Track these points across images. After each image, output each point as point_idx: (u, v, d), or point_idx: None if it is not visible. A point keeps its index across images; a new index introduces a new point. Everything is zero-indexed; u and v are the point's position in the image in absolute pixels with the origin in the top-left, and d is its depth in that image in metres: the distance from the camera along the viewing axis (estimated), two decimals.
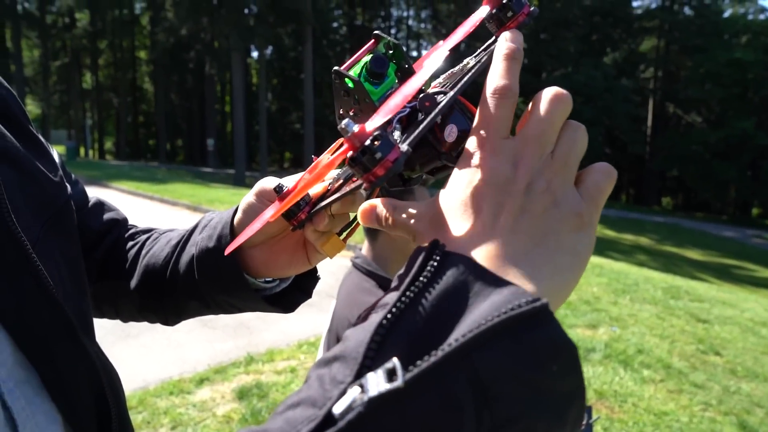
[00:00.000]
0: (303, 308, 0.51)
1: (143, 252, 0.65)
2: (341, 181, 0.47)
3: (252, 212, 0.54)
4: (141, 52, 38.68)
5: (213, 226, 0.58)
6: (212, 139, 28.03)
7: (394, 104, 0.35)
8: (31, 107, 37.59)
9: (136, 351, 3.70)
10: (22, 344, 0.44)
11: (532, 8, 0.40)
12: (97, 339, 0.56)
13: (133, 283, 0.63)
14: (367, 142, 0.32)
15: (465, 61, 0.43)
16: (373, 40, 0.44)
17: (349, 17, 36.41)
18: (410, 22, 40.28)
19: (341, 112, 0.44)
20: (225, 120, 38.67)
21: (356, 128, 0.33)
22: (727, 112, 26.77)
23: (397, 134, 0.40)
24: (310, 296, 0.61)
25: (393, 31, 40.21)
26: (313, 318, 4.17)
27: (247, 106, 25.29)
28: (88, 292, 0.57)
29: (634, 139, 29.25)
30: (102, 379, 0.50)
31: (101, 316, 0.69)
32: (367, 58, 0.43)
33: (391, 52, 0.43)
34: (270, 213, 0.46)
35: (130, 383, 3.12)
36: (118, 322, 0.71)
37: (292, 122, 33.57)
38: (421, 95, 0.38)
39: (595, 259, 7.98)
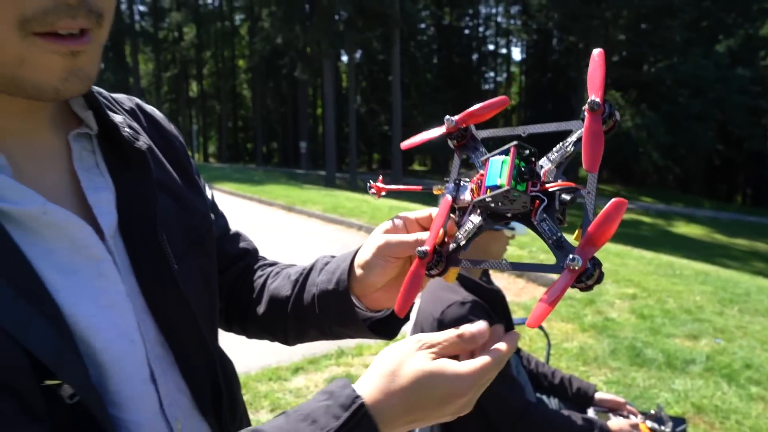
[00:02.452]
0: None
1: (268, 283, 0.78)
2: (469, 228, 0.57)
3: (371, 269, 0.63)
4: (240, 61, 41.18)
5: (331, 271, 0.68)
6: (304, 141, 29.24)
7: (596, 240, 0.46)
8: None
9: (239, 340, 4.01)
10: (162, 330, 0.59)
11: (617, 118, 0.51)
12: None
13: (261, 309, 0.77)
14: (588, 266, 0.46)
15: (566, 142, 0.54)
16: (514, 149, 0.54)
17: (437, 17, 36.36)
18: (499, 18, 39.46)
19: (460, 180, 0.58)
20: (316, 123, 40.14)
21: (581, 265, 0.45)
22: None
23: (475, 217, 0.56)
24: (408, 320, 0.73)
25: (481, 29, 39.60)
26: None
27: (337, 109, 26.12)
28: (218, 300, 0.73)
29: (753, 133, 26.29)
30: (217, 366, 0.65)
31: (229, 331, 0.85)
32: (516, 162, 0.53)
33: (526, 153, 0.54)
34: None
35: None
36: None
37: (380, 124, 34.14)
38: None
39: (699, 266, 7.43)
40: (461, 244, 0.57)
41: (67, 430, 0.47)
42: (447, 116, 0.60)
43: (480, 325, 0.54)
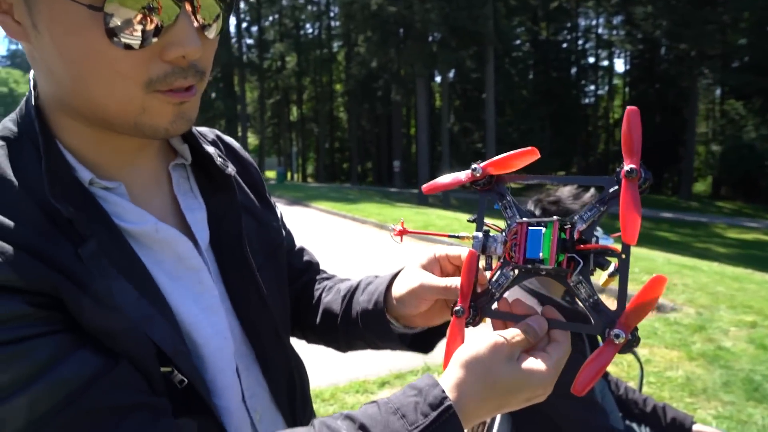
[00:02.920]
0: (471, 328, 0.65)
1: (323, 297, 0.87)
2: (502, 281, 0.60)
3: (405, 304, 0.70)
4: (337, 85, 43.01)
5: (371, 292, 0.76)
6: (398, 160, 29.75)
7: (635, 316, 0.50)
8: (251, 139, 44.29)
9: (329, 353, 4.17)
10: (246, 330, 0.69)
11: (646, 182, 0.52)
12: (297, 340, 0.81)
13: (317, 320, 0.86)
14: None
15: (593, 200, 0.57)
16: (557, 224, 0.56)
17: (533, 33, 35.62)
18: (600, 30, 37.82)
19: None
20: (410, 142, 40.68)
21: (622, 340, 0.50)
22: None
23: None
24: (444, 336, 0.76)
25: (580, 41, 38.17)
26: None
27: (430, 128, 26.33)
28: (289, 305, 0.82)
29: None
30: (292, 365, 0.75)
31: (293, 336, 0.93)
32: (554, 235, 0.55)
33: (567, 225, 0.56)
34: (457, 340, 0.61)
35: (324, 379, 3.55)
36: None
37: (473, 142, 33.89)
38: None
39: None
40: (495, 297, 0.60)
41: (179, 411, 0.56)
42: (473, 164, 0.62)
43: (539, 320, 0.57)
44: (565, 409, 1.48)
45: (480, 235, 0.61)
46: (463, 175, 0.63)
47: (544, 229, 0.55)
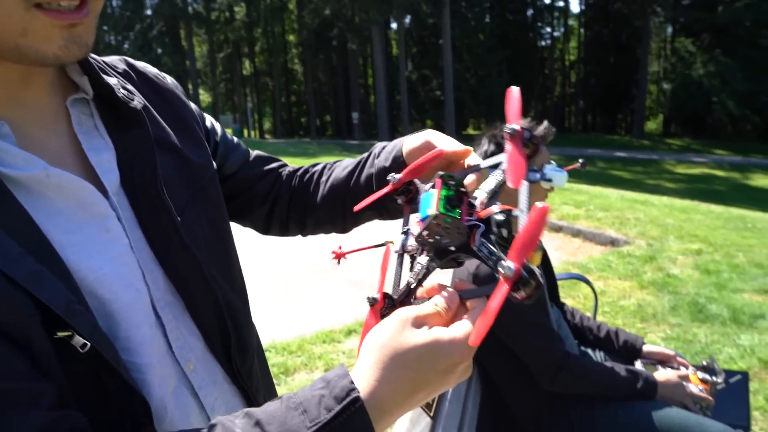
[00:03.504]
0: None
1: (324, 177, 0.86)
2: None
3: (415, 158, 0.71)
4: (290, 36, 41.44)
5: (389, 151, 0.77)
6: (357, 112, 29.32)
7: (525, 247, 0.45)
8: (204, 96, 42.62)
9: (295, 306, 4.20)
10: (171, 277, 0.63)
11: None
12: (262, 295, 0.77)
13: (319, 200, 0.84)
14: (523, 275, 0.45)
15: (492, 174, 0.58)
16: (440, 180, 0.54)
17: None
18: None
19: (424, 234, 0.54)
20: (368, 93, 40.03)
21: (513, 271, 0.44)
22: None
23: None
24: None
25: None
26: (443, 278, 4.31)
27: (388, 78, 25.91)
28: (231, 243, 0.78)
29: None
30: (224, 311, 0.69)
31: (286, 234, 0.93)
32: (443, 192, 0.53)
33: (452, 182, 0.54)
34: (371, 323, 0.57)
35: (290, 332, 3.58)
36: (281, 283, 0.92)
37: (432, 89, 33.58)
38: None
39: None
40: (412, 287, 0.58)
41: (82, 380, 0.50)
42: (391, 174, 0.63)
43: (448, 292, 0.53)
44: (523, 339, 1.52)
45: (401, 237, 0.61)
46: (385, 189, 0.64)
47: (432, 191, 0.54)
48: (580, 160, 2.03)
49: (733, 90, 24.78)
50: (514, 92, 0.59)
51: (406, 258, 0.60)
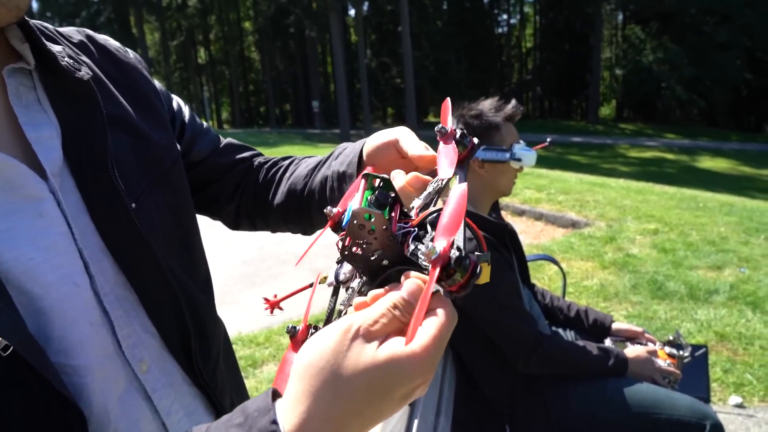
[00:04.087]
0: None
1: (287, 174, 0.79)
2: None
3: (375, 156, 0.64)
4: (246, 23, 40.43)
5: (347, 155, 0.69)
6: (316, 100, 28.93)
7: (450, 225, 0.39)
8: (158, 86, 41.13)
9: (261, 297, 4.11)
10: (123, 269, 0.57)
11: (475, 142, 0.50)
12: (228, 287, 0.70)
13: (277, 200, 0.77)
14: (453, 259, 0.37)
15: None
16: (363, 180, 0.49)
17: None
18: None
19: (349, 245, 0.44)
20: (328, 81, 39.58)
21: (440, 250, 0.37)
22: None
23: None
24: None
25: None
26: None
27: (347, 65, 25.66)
28: (195, 235, 0.71)
29: None
30: (182, 305, 0.62)
31: (255, 229, 0.86)
32: (366, 193, 0.48)
33: (378, 184, 0.49)
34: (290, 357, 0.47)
35: (257, 323, 3.50)
36: (247, 275, 0.86)
37: (392, 77, 33.48)
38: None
39: (724, 198, 7.24)
40: (343, 315, 0.50)
41: (4, 388, 0.45)
42: (327, 207, 0.54)
43: (409, 285, 0.41)
44: (496, 322, 1.52)
45: (334, 267, 0.52)
46: (325, 229, 0.56)
47: (356, 195, 0.49)
48: (549, 139, 2.05)
49: (681, 76, 25.71)
50: (447, 103, 0.56)
51: (342, 292, 0.51)
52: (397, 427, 1.20)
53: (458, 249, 0.38)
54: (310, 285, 0.58)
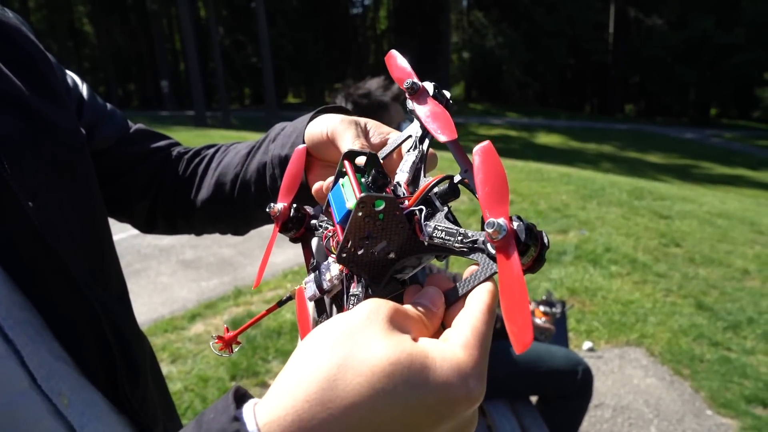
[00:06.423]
0: (284, 240, 0.50)
1: (213, 164, 0.66)
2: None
3: (318, 147, 0.53)
4: None
5: (287, 135, 0.58)
6: (166, 80, 26.76)
7: (498, 193, 0.32)
8: None
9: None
10: (21, 286, 0.46)
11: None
12: None
13: (202, 196, 0.65)
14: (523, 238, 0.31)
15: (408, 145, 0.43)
16: (348, 162, 0.41)
17: None
18: None
19: (352, 242, 0.36)
20: (177, 59, 36.75)
21: (506, 226, 0.31)
22: (687, 12, 26.67)
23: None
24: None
25: None
26: (295, 249, 4.25)
27: (198, 42, 24.02)
28: (107, 233, 0.59)
29: (597, 48, 29.18)
30: (101, 320, 0.52)
31: (175, 232, 0.73)
32: (358, 176, 0.41)
33: (362, 157, 0.42)
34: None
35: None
36: None
37: (248, 56, 32.13)
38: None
39: (563, 169, 8.19)
40: None
41: None
42: (269, 204, 0.46)
43: (431, 292, 0.35)
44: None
45: (311, 276, 0.43)
46: (271, 242, 0.48)
47: (341, 180, 0.41)
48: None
49: (519, 60, 28.35)
50: (395, 54, 0.49)
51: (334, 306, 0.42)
52: None
53: (519, 218, 0.32)
54: (281, 303, 0.47)
